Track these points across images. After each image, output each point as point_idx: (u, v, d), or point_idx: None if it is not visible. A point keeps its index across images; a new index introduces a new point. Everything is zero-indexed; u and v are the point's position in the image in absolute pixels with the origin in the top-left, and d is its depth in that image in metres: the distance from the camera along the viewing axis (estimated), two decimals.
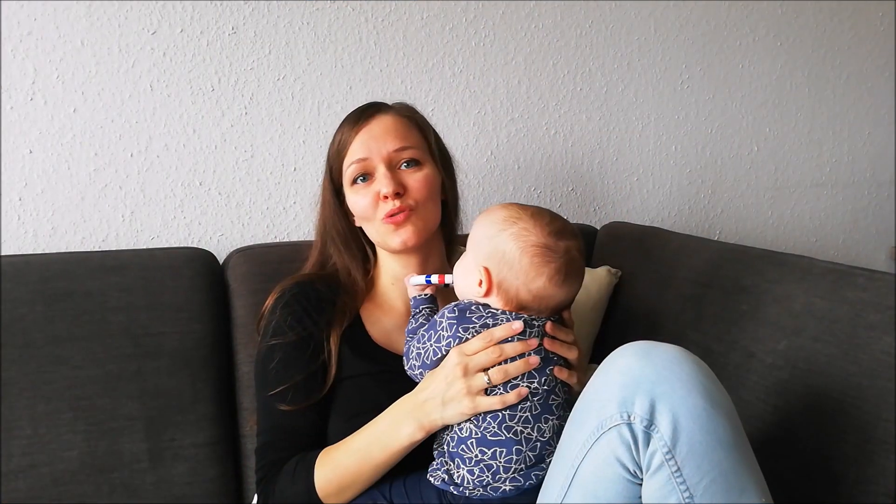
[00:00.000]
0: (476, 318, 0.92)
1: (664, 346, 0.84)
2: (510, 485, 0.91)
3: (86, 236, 1.35)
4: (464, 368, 0.90)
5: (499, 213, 0.96)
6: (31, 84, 1.29)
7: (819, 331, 1.03)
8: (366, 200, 1.06)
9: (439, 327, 0.94)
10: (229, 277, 1.31)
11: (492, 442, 0.90)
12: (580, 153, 1.71)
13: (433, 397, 0.91)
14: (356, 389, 1.04)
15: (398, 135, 1.08)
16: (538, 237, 0.92)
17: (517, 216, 0.94)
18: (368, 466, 0.95)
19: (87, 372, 1.16)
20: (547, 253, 0.91)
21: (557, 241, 0.92)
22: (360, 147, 1.07)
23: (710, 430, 0.78)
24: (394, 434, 0.94)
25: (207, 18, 1.38)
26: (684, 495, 0.78)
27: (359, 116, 1.10)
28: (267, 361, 1.05)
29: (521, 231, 0.92)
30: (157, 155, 1.38)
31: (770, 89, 1.89)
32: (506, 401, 0.89)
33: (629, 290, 1.43)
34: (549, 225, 0.93)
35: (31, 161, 1.31)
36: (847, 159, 2.01)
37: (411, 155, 1.08)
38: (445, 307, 0.95)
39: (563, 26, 1.66)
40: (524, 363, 0.91)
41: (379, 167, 1.06)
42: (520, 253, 0.91)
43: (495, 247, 0.93)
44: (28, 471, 1.11)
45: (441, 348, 0.93)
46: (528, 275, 0.91)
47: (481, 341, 0.90)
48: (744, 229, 1.91)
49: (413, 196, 1.06)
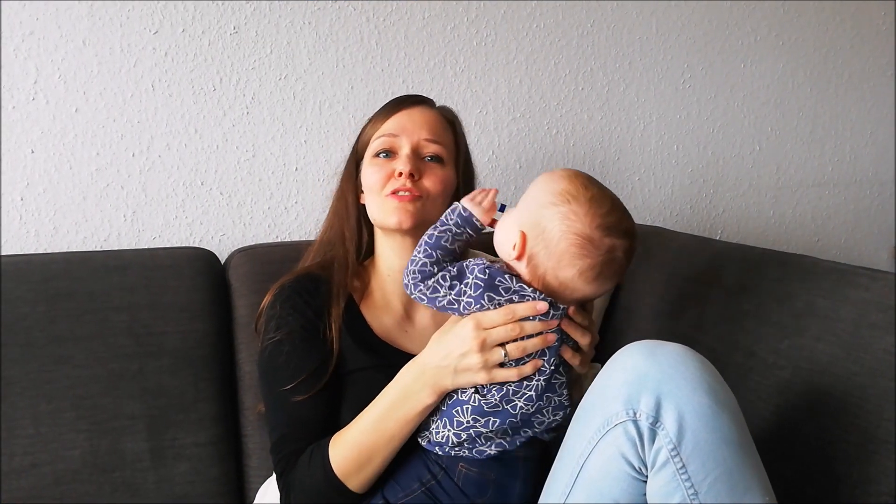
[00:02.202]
0: (503, 289, 0.89)
1: (670, 345, 0.84)
2: (495, 449, 0.92)
3: (87, 236, 1.35)
4: (481, 343, 0.88)
5: (559, 182, 0.89)
6: (33, 84, 1.29)
7: (821, 330, 1.03)
8: (380, 173, 1.07)
9: (466, 284, 0.90)
10: (231, 277, 1.31)
11: (487, 412, 0.90)
12: (582, 153, 1.71)
13: (445, 365, 0.90)
14: (364, 382, 1.03)
15: (434, 129, 1.09)
16: (584, 226, 0.86)
17: (574, 195, 0.87)
18: (383, 439, 0.94)
19: (89, 371, 1.16)
20: (587, 245, 0.86)
21: (604, 236, 0.87)
22: (393, 124, 1.09)
23: (715, 428, 0.78)
24: (405, 403, 0.93)
25: (209, 18, 1.38)
26: (689, 492, 0.78)
27: (404, 100, 1.13)
28: (275, 356, 1.05)
29: (569, 213, 0.87)
30: (158, 155, 1.38)
31: (772, 89, 1.89)
32: (522, 372, 0.89)
33: (630, 289, 1.42)
34: (603, 217, 0.87)
35: (33, 161, 1.31)
36: (849, 159, 2.01)
37: (438, 151, 1.08)
38: (475, 263, 0.91)
39: (565, 26, 1.65)
40: (542, 340, 0.89)
41: (404, 147, 1.07)
42: (559, 236, 0.87)
43: (540, 218, 0.88)
44: (30, 470, 1.11)
45: (459, 307, 0.91)
46: (561, 261, 0.87)
47: (502, 316, 0.88)
48: (745, 229, 1.91)
49: (424, 185, 1.06)
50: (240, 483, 1.25)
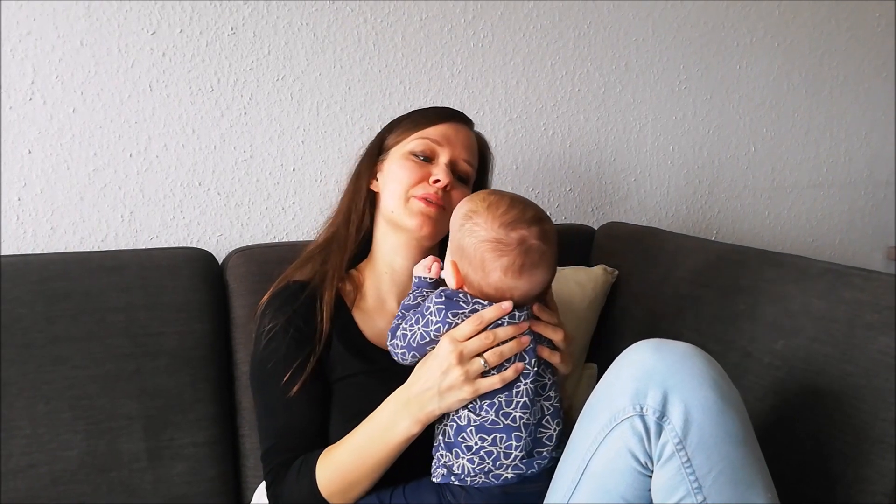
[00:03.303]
0: (464, 303, 0.92)
1: (676, 342, 0.85)
2: (512, 472, 0.91)
3: (85, 236, 1.35)
4: (459, 356, 0.89)
5: (463, 206, 0.96)
6: (30, 84, 1.29)
7: (816, 331, 1.03)
8: (416, 174, 1.08)
9: (427, 312, 0.93)
10: (228, 277, 1.31)
11: (491, 429, 0.90)
12: (578, 153, 1.72)
13: (428, 388, 0.91)
14: (355, 388, 1.04)
15: (472, 150, 1.15)
16: (488, 231, 0.91)
17: (475, 210, 0.94)
18: (369, 464, 0.95)
19: (87, 372, 1.16)
20: (498, 246, 0.91)
21: (509, 232, 0.91)
22: (439, 133, 1.11)
23: (721, 424, 0.79)
24: (390, 430, 0.94)
25: (207, 19, 1.38)
26: (693, 486, 0.79)
27: (454, 114, 1.16)
28: (265, 363, 1.06)
29: (473, 226, 0.92)
30: (156, 155, 1.38)
31: (767, 90, 1.89)
32: (505, 377, 0.90)
33: (627, 290, 1.43)
34: (502, 216, 0.92)
35: (31, 161, 1.31)
36: (844, 160, 2.02)
37: (469, 172, 1.13)
38: (434, 292, 0.95)
39: (562, 27, 1.66)
40: (517, 343, 0.91)
41: (443, 157, 1.10)
42: (473, 249, 0.92)
43: (458, 242, 0.94)
44: (27, 470, 1.11)
45: (429, 332, 0.93)
46: (485, 270, 0.91)
47: (472, 325, 0.90)
48: (741, 229, 1.92)
49: (453, 199, 1.07)
50: (237, 483, 1.25)
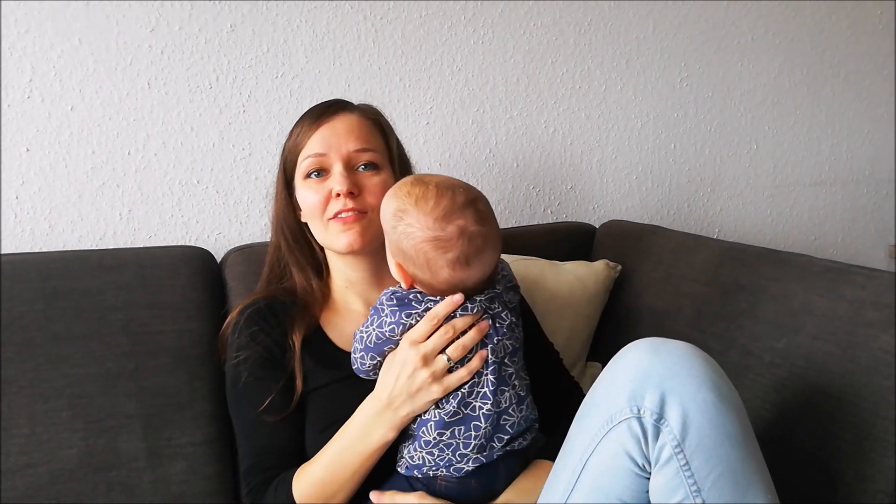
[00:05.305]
0: (416, 302, 0.91)
1: (674, 342, 0.84)
2: (473, 465, 0.91)
3: (83, 234, 1.35)
4: (423, 358, 0.88)
5: (389, 204, 0.91)
6: (28, 82, 1.29)
7: (818, 329, 1.03)
8: (317, 197, 1.04)
9: (382, 313, 0.92)
10: (227, 276, 1.31)
11: (450, 423, 0.90)
12: (579, 151, 1.71)
13: (398, 394, 0.90)
14: (325, 400, 1.02)
15: (360, 136, 1.06)
16: (423, 231, 0.87)
17: (403, 208, 0.89)
18: (345, 475, 0.94)
19: (86, 370, 1.16)
20: (438, 244, 0.87)
21: (445, 225, 0.87)
22: (319, 142, 1.05)
23: (719, 425, 0.78)
24: (365, 439, 0.93)
25: (205, 16, 1.38)
26: (692, 489, 0.78)
27: (322, 112, 1.07)
28: (236, 381, 1.05)
29: (407, 228, 0.88)
30: (154, 153, 1.38)
31: (769, 88, 1.89)
32: (472, 368, 0.90)
33: (628, 287, 1.42)
34: (434, 210, 0.87)
35: (29, 159, 1.30)
36: (846, 157, 2.02)
37: (371, 158, 1.05)
38: (383, 293, 0.93)
39: (562, 24, 1.65)
40: (477, 331, 0.90)
41: (336, 165, 1.03)
42: (415, 251, 0.88)
43: (396, 245, 0.91)
44: (26, 469, 1.11)
45: (384, 333, 0.92)
46: (432, 268, 0.89)
47: (428, 323, 0.89)
48: (743, 227, 1.92)
49: (366, 200, 1.03)
50: (235, 482, 1.24)
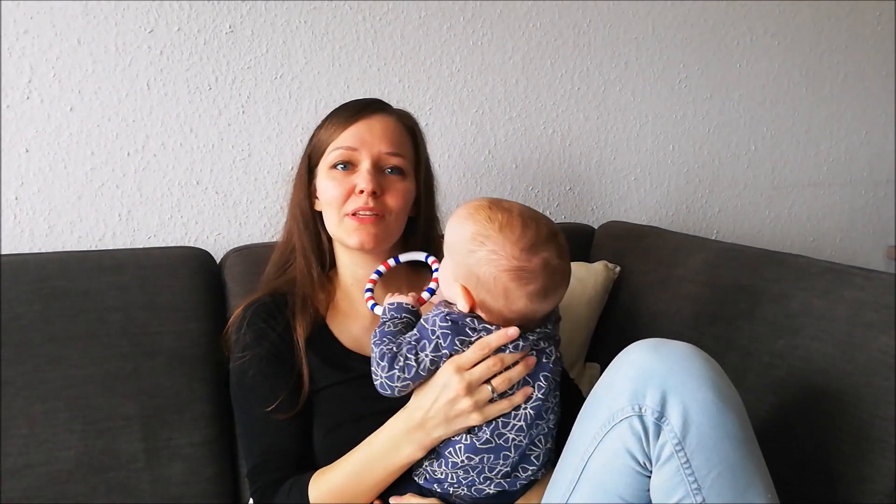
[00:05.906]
0: (471, 329, 0.89)
1: (675, 342, 0.84)
2: (495, 489, 0.91)
3: (82, 235, 1.35)
4: (467, 386, 0.86)
5: (466, 227, 0.89)
6: (27, 83, 1.29)
7: (816, 330, 1.03)
8: (339, 189, 1.03)
9: (433, 336, 0.89)
10: (226, 277, 1.31)
11: (480, 449, 0.89)
12: (578, 152, 1.71)
13: (434, 416, 0.88)
14: (332, 400, 1.02)
15: (394, 140, 1.06)
16: (509, 260, 0.86)
17: (485, 234, 0.87)
18: (365, 487, 0.94)
19: (84, 371, 1.15)
20: (521, 275, 0.86)
21: (531, 257, 0.86)
22: (352, 136, 1.05)
23: (720, 424, 0.79)
24: (391, 454, 0.92)
25: (204, 17, 1.38)
26: (692, 487, 0.78)
27: (362, 108, 1.08)
28: (242, 379, 1.05)
29: (489, 255, 0.86)
30: (153, 154, 1.37)
31: (768, 88, 1.89)
32: (514, 402, 0.89)
33: (627, 288, 1.42)
34: (519, 240, 0.86)
35: (28, 160, 1.30)
36: (845, 159, 2.02)
37: (399, 163, 1.06)
38: (434, 314, 0.90)
39: (561, 25, 1.65)
40: (524, 366, 0.89)
41: (364, 162, 1.04)
42: (493, 279, 0.86)
43: (469, 268, 0.88)
44: (24, 470, 1.11)
45: (441, 358, 0.89)
46: (508, 298, 0.87)
47: (478, 351, 0.87)
48: (741, 229, 1.92)
49: (387, 203, 1.03)
50: (235, 483, 1.25)
